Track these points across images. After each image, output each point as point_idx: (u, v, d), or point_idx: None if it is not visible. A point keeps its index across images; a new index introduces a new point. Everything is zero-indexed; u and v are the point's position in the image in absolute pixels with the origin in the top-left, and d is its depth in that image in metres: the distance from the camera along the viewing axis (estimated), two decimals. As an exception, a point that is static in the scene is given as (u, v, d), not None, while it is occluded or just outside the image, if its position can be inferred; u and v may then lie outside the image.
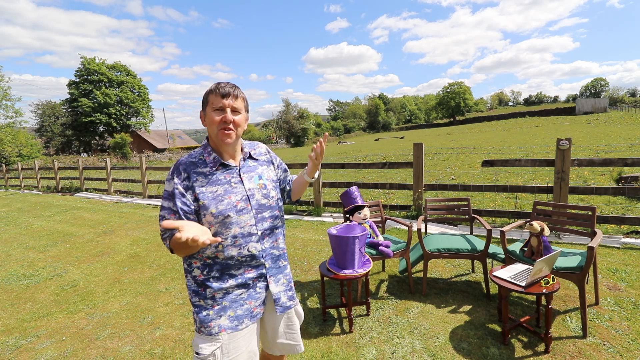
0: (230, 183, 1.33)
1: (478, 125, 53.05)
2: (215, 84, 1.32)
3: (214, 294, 1.30)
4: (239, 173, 1.37)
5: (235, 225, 1.30)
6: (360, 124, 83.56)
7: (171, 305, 3.17)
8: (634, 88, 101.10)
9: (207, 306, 1.30)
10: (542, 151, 12.74)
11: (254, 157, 1.46)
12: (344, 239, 2.41)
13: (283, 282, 1.44)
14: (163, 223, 1.06)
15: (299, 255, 4.30)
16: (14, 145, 27.79)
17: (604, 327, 2.43)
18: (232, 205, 1.30)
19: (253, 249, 1.34)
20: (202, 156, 1.34)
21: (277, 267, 1.43)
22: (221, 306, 1.30)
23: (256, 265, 1.36)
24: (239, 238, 1.31)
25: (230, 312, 1.31)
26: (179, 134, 56.40)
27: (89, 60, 42.22)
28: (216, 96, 1.29)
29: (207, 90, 1.33)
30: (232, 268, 1.32)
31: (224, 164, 1.34)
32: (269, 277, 1.39)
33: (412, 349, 2.33)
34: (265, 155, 1.52)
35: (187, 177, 1.28)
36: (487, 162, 5.02)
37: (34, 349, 2.60)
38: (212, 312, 1.29)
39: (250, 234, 1.33)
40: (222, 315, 1.30)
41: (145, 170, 9.65)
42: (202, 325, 1.29)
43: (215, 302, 1.30)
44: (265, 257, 1.38)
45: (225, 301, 1.31)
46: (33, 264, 4.60)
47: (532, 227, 2.54)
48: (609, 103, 58.21)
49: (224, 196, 1.29)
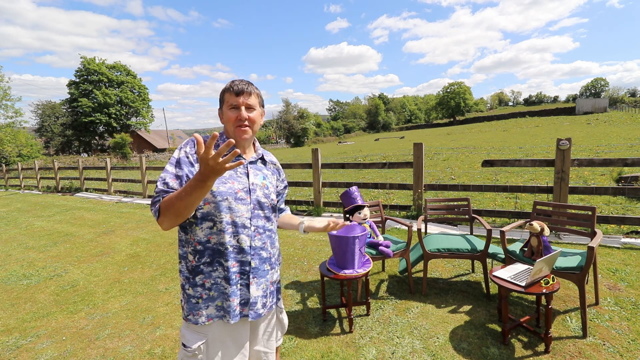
0: (236, 171, 1.35)
1: (478, 125, 53.06)
2: (230, 81, 1.35)
3: (204, 282, 1.30)
4: (247, 166, 1.38)
5: (231, 212, 1.30)
6: (360, 124, 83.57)
7: (171, 305, 3.17)
8: (634, 88, 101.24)
9: (196, 294, 1.30)
10: (542, 151, 12.74)
11: (265, 160, 1.49)
12: (344, 239, 2.41)
13: (264, 287, 1.40)
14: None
15: (299, 255, 4.30)
16: (14, 145, 27.80)
17: (604, 327, 2.43)
18: (233, 191, 1.31)
19: (243, 241, 1.33)
20: (217, 141, 1.35)
21: (262, 270, 1.39)
22: (209, 296, 1.31)
23: (241, 260, 1.34)
24: (231, 225, 1.30)
25: (218, 302, 1.32)
26: (179, 134, 56.38)
27: (89, 60, 42.24)
28: (231, 94, 1.32)
29: (223, 88, 1.36)
30: (222, 256, 1.30)
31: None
32: (251, 277, 1.35)
33: (412, 349, 2.33)
34: (274, 165, 1.56)
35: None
36: (487, 162, 5.02)
37: (34, 349, 2.60)
38: (201, 300, 1.30)
39: (244, 226, 1.33)
40: (210, 305, 1.31)
41: (145, 170, 9.66)
42: (191, 313, 1.30)
43: (204, 291, 1.30)
44: (253, 255, 1.35)
45: (213, 292, 1.31)
46: (33, 264, 4.60)
47: (532, 227, 2.54)
48: (609, 103, 58.22)
49: (227, 180, 1.31)
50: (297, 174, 13.50)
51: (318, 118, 73.46)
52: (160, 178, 1.27)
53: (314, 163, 6.47)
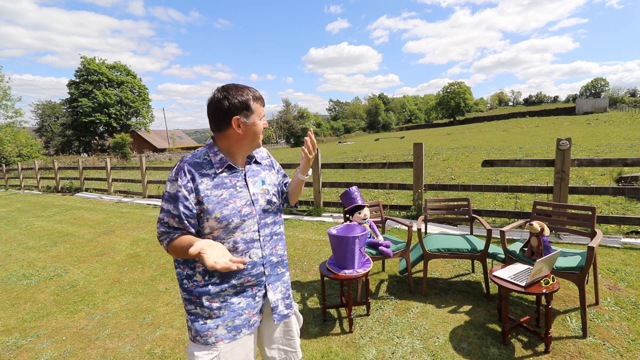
0: (235, 187, 1.29)
1: (478, 125, 53.03)
2: (254, 90, 1.30)
3: (211, 302, 1.26)
4: (245, 177, 1.34)
5: (239, 231, 1.27)
6: (360, 124, 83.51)
7: (171, 305, 3.17)
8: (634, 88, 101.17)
9: (204, 314, 1.26)
10: (542, 151, 12.73)
11: (258, 161, 1.43)
12: (344, 239, 2.41)
13: (281, 289, 1.41)
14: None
15: (299, 255, 4.29)
16: (14, 145, 27.79)
17: (604, 327, 2.43)
18: (237, 210, 1.26)
19: (254, 255, 1.31)
20: (207, 156, 1.28)
21: (275, 275, 1.39)
22: (218, 316, 1.27)
23: (256, 273, 1.32)
24: (241, 244, 1.28)
25: (228, 322, 1.28)
26: (179, 134, 56.41)
27: (89, 60, 42.21)
28: (261, 105, 1.29)
29: (246, 96, 1.25)
30: (232, 276, 1.28)
31: (231, 166, 1.30)
32: (267, 285, 1.36)
33: (412, 349, 2.33)
34: (267, 160, 1.49)
35: (192, 179, 1.22)
36: (487, 162, 5.02)
37: (34, 349, 2.60)
38: (210, 321, 1.26)
39: (253, 239, 1.31)
40: (220, 325, 1.27)
41: (145, 170, 9.65)
42: (198, 334, 1.26)
43: (212, 312, 1.26)
44: (265, 264, 1.35)
45: (223, 310, 1.27)
46: (33, 264, 4.59)
47: (532, 227, 2.54)
48: (609, 103, 58.19)
49: (228, 200, 1.26)
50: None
51: (318, 118, 73.40)
52: (159, 219, 1.24)
53: (314, 163, 6.47)
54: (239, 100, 1.24)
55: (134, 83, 45.76)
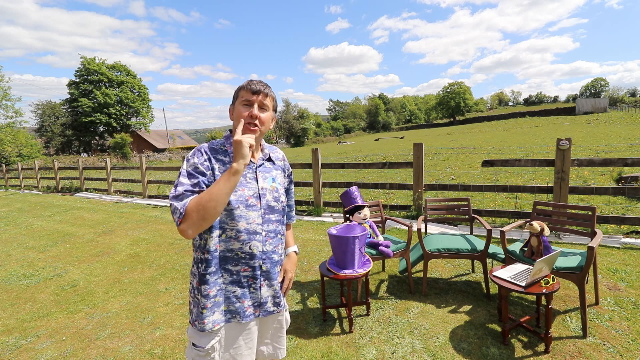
0: (245, 177, 1.33)
1: (478, 125, 53.04)
2: (247, 80, 1.34)
3: (208, 291, 1.30)
4: (255, 170, 1.37)
5: (243, 220, 1.30)
6: (360, 124, 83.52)
7: (171, 305, 3.17)
8: (634, 88, 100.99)
9: (201, 303, 1.30)
10: (542, 151, 12.73)
11: (272, 159, 1.47)
12: (344, 239, 2.41)
13: (275, 288, 1.43)
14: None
15: (299, 255, 4.30)
16: (14, 145, 27.78)
17: (604, 327, 2.43)
18: (244, 198, 1.30)
19: (255, 247, 1.33)
20: (224, 146, 1.35)
21: (273, 272, 1.41)
22: (215, 303, 1.31)
23: (253, 265, 1.35)
24: (243, 233, 1.30)
25: (224, 307, 1.33)
26: (179, 134, 56.37)
27: (88, 60, 42.20)
28: (247, 91, 1.30)
29: (239, 86, 1.35)
30: (229, 262, 1.31)
31: None
32: (262, 279, 1.38)
33: (412, 349, 2.33)
34: (281, 161, 1.53)
35: (208, 159, 1.29)
36: (487, 162, 5.02)
37: (34, 349, 2.60)
38: (206, 310, 1.30)
39: (256, 232, 1.33)
40: (216, 311, 1.31)
41: (145, 170, 9.65)
42: (197, 319, 1.31)
43: (208, 300, 1.29)
44: (264, 259, 1.37)
45: (219, 297, 1.31)
46: (33, 264, 4.59)
47: (532, 227, 2.54)
48: (609, 103, 58.18)
49: (237, 188, 1.29)
50: (297, 174, 13.49)
51: (318, 118, 73.42)
52: (175, 186, 1.21)
53: (314, 163, 6.47)
54: (235, 92, 1.35)
55: (134, 83, 45.74)
